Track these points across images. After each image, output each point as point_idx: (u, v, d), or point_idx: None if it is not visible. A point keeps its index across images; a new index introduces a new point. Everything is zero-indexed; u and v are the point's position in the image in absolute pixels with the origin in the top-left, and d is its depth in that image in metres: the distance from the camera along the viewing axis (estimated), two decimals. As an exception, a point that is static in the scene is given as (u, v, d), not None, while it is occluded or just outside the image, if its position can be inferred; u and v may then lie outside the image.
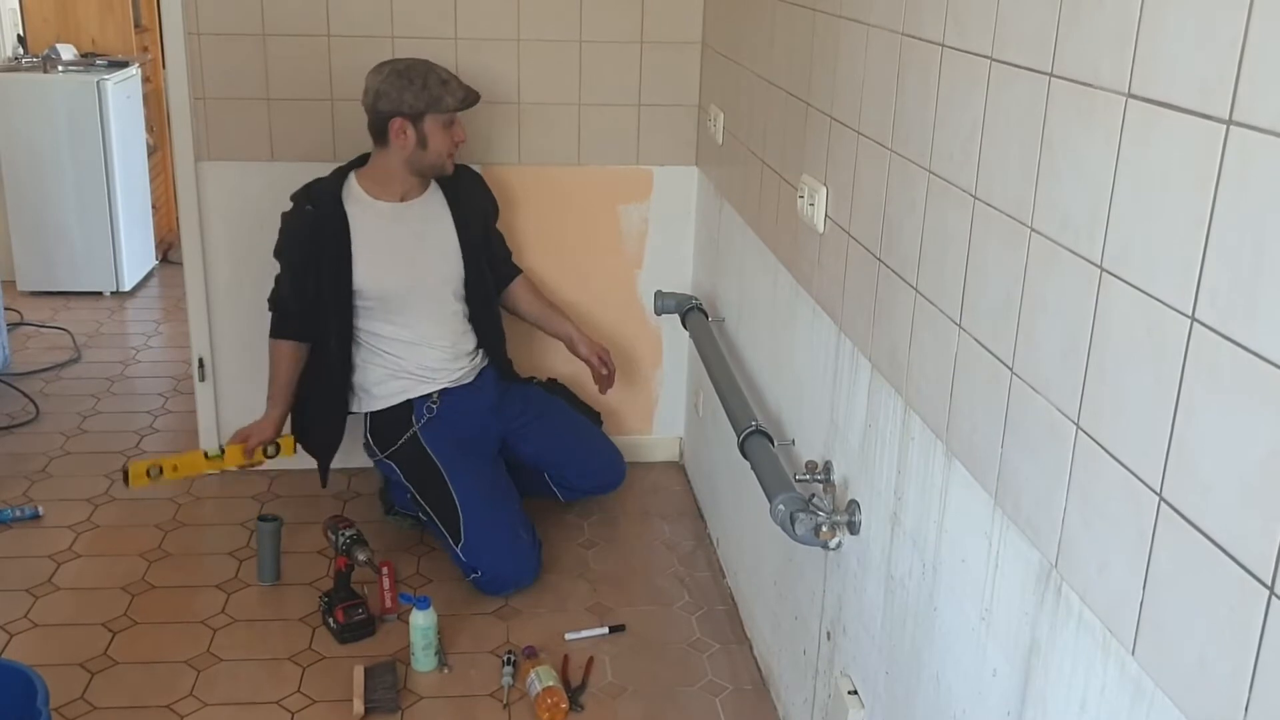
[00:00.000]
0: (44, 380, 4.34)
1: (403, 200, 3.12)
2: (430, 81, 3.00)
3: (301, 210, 3.08)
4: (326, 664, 2.72)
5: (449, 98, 3.02)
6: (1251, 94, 0.93)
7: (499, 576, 2.97)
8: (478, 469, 3.08)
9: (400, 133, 3.01)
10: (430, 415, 3.11)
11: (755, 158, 2.72)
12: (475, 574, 2.96)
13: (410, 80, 2.99)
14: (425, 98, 2.99)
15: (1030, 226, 1.32)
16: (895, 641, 1.83)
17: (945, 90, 1.58)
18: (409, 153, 3.04)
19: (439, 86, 3.01)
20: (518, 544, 3.01)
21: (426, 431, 3.09)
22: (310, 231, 3.06)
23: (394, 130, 3.01)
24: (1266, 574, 0.92)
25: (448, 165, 3.11)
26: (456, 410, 3.14)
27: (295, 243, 3.10)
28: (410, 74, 3.00)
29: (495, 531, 2.98)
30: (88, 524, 3.30)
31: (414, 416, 3.11)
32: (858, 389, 1.99)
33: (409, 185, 3.13)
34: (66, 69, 5.39)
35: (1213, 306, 0.99)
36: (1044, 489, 1.30)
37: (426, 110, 3.00)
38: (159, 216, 5.88)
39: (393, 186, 3.10)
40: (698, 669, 2.76)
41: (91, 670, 2.66)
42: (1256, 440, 0.93)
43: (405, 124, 3.00)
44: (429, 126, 3.02)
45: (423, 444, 3.07)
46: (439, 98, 3.00)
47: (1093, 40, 1.19)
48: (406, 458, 3.09)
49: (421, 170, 3.10)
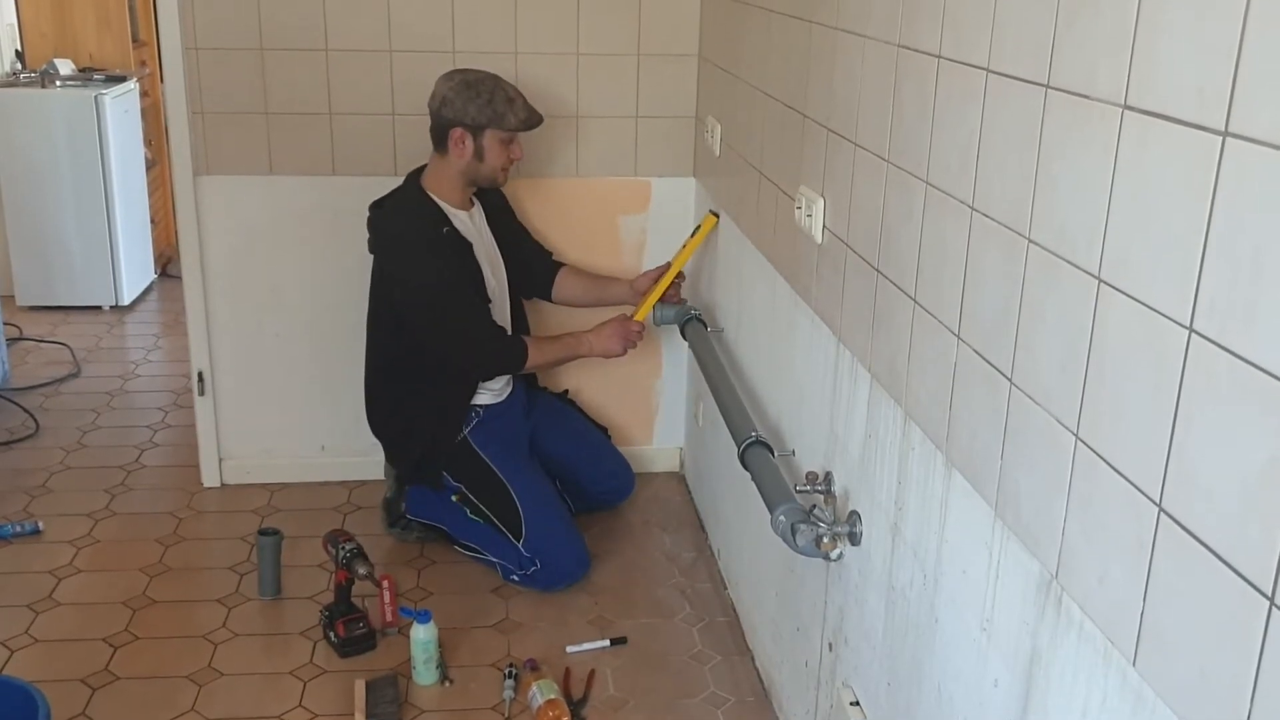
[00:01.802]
0: (43, 395, 4.34)
1: (468, 210, 3.17)
2: (496, 97, 3.01)
3: (438, 236, 3.03)
4: (327, 678, 2.72)
5: (512, 116, 3.03)
6: (1247, 105, 0.94)
7: (560, 568, 3.07)
8: (528, 468, 3.20)
9: (459, 142, 3.02)
10: (477, 419, 3.18)
11: (753, 169, 2.72)
12: (534, 567, 3.04)
13: (477, 93, 3.00)
14: (489, 112, 3.00)
15: (1028, 237, 1.33)
16: (897, 652, 1.83)
17: (942, 102, 1.59)
18: (465, 162, 3.06)
19: (504, 104, 3.02)
20: (575, 537, 3.14)
21: (475, 435, 3.16)
22: (455, 253, 3.05)
23: (453, 139, 3.02)
24: (1267, 584, 0.92)
25: (501, 178, 3.15)
26: (497, 414, 3.23)
27: (453, 269, 3.04)
28: (479, 86, 3.01)
29: (555, 524, 3.09)
30: (88, 539, 3.30)
31: (463, 422, 3.17)
32: (857, 399, 1.99)
33: (466, 194, 3.16)
34: (65, 84, 5.40)
35: (1210, 317, 0.99)
36: (1044, 499, 1.30)
37: (488, 125, 3.01)
38: (158, 230, 5.89)
39: (457, 195, 3.13)
40: (699, 681, 2.76)
41: (93, 686, 2.65)
42: (1255, 450, 0.93)
43: (465, 135, 3.02)
44: (488, 141, 3.03)
45: (474, 447, 3.14)
46: (502, 114, 3.01)
47: (1089, 51, 1.19)
48: (457, 462, 3.15)
49: (475, 180, 3.13)
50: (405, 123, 3.39)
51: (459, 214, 3.12)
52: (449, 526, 3.22)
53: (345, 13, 3.31)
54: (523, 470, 3.15)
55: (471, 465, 3.13)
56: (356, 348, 3.27)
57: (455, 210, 3.11)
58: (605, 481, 3.45)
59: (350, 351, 3.44)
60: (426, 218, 3.06)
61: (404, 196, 3.11)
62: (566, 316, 3.49)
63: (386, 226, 3.09)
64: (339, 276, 3.47)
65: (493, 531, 3.10)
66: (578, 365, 3.63)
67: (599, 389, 3.71)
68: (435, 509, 3.23)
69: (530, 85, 3.39)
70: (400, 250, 3.06)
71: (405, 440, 3.23)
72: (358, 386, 3.28)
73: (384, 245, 3.09)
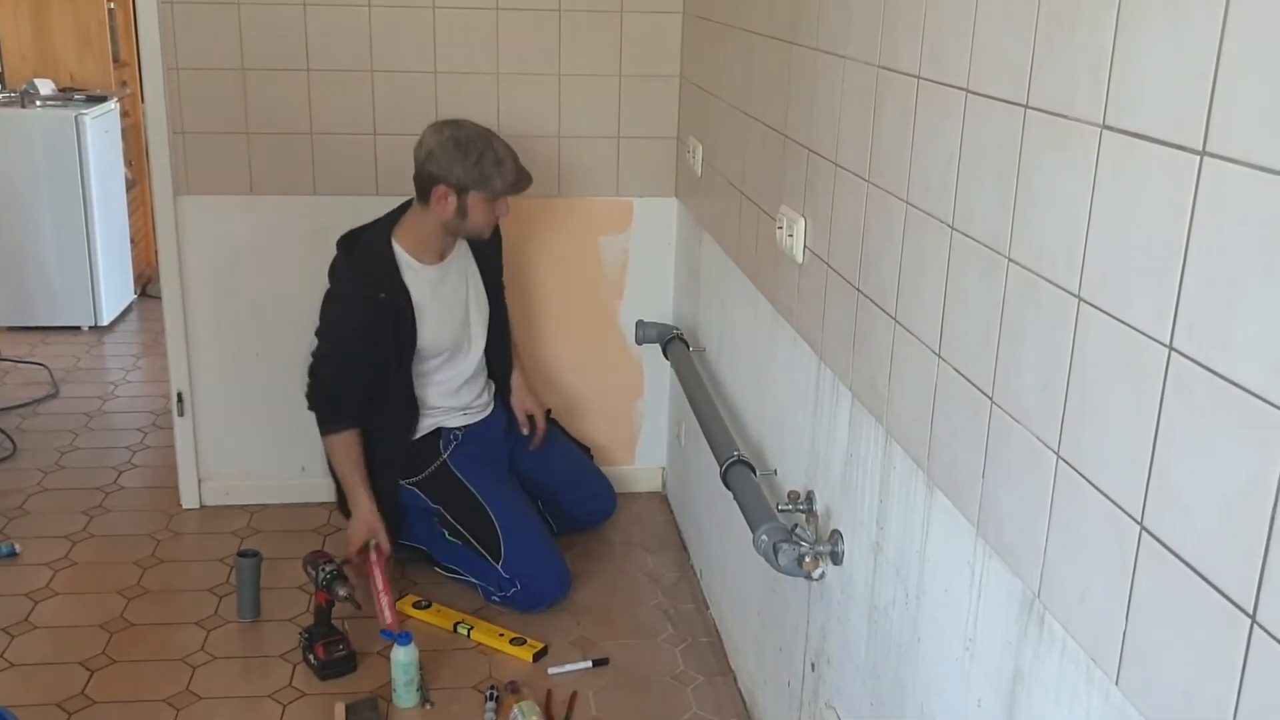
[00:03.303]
0: (21, 416, 4.30)
1: (442, 260, 3.11)
2: (485, 159, 2.91)
3: (373, 298, 2.96)
4: (307, 701, 2.70)
5: (499, 180, 2.93)
6: (1225, 125, 0.94)
7: (540, 589, 3.06)
8: (506, 489, 3.18)
9: (442, 199, 2.93)
10: (456, 442, 3.17)
11: (734, 189, 2.73)
12: (514, 589, 3.02)
13: (465, 153, 2.90)
14: (475, 174, 2.90)
15: (1008, 256, 1.33)
16: (880, 672, 1.83)
17: (922, 122, 1.60)
18: (447, 218, 2.98)
19: (492, 166, 2.92)
20: (555, 557, 3.13)
21: (454, 458, 3.15)
22: (380, 315, 2.97)
23: (437, 195, 2.93)
24: (1248, 602, 0.92)
25: (485, 234, 3.08)
26: (476, 436, 3.21)
27: (361, 330, 2.98)
28: (468, 146, 2.91)
29: (533, 545, 3.08)
30: (65, 561, 3.27)
31: (441, 445, 3.15)
32: (839, 418, 1.99)
33: (446, 244, 3.10)
34: (45, 104, 5.39)
35: (1190, 335, 0.99)
36: (1025, 518, 1.30)
37: (473, 187, 2.92)
38: (138, 250, 5.86)
39: (432, 246, 3.06)
40: (682, 702, 2.75)
41: (69, 710, 2.62)
42: (1236, 468, 0.93)
43: (449, 192, 2.92)
44: (472, 201, 2.94)
45: (453, 470, 3.13)
46: (489, 178, 2.91)
47: (1067, 72, 1.20)
48: (436, 484, 3.13)
49: (457, 234, 3.08)
50: (386, 142, 3.39)
51: (421, 269, 3.05)
52: (430, 549, 3.21)
53: (327, 33, 3.31)
54: (501, 491, 3.14)
55: (450, 487, 3.11)
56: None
57: (419, 265, 3.05)
58: (588, 502, 3.44)
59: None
60: (370, 271, 2.99)
61: (365, 246, 3.04)
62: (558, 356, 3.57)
63: (334, 266, 3.05)
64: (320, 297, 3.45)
65: (472, 553, 3.09)
66: (557, 385, 3.63)
67: (581, 408, 3.70)
68: (417, 531, 3.21)
69: (511, 105, 3.40)
70: (332, 285, 3.04)
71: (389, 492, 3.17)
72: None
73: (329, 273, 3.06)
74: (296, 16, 3.29)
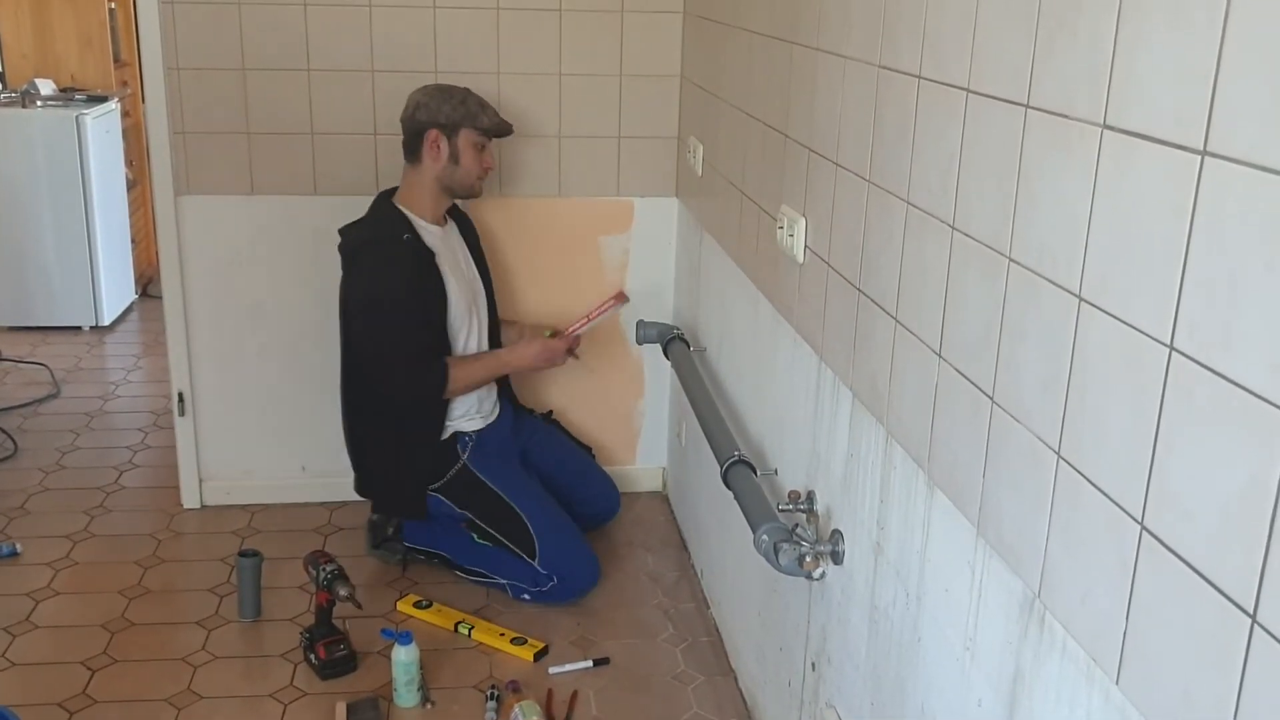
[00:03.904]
0: (22, 416, 4.30)
1: (441, 226, 3.17)
2: (470, 100, 3.09)
3: (399, 241, 3.03)
4: (308, 700, 2.70)
5: (484, 117, 3.10)
6: (1225, 125, 0.94)
7: (578, 580, 3.11)
8: (529, 486, 3.21)
9: (434, 145, 3.05)
10: (473, 445, 3.18)
11: (735, 189, 2.73)
12: (551, 583, 3.05)
13: (449, 95, 3.08)
14: (462, 111, 3.06)
15: (1008, 256, 1.33)
16: (880, 672, 1.83)
17: (923, 122, 1.60)
18: (441, 166, 3.08)
19: (477, 106, 3.09)
20: (586, 547, 3.17)
21: (474, 460, 3.16)
22: (413, 262, 3.04)
23: (428, 142, 3.05)
24: (1248, 602, 0.92)
25: (477, 187, 3.17)
26: (489, 437, 3.24)
27: (403, 279, 3.02)
28: (450, 91, 3.09)
29: (566, 538, 3.12)
30: (66, 561, 3.27)
31: (459, 448, 3.16)
32: (839, 418, 1.99)
33: (440, 207, 3.16)
34: (46, 104, 5.39)
35: (1191, 335, 0.99)
36: (1026, 518, 1.30)
37: (461, 123, 3.05)
38: (139, 250, 5.86)
39: (430, 206, 3.13)
40: (682, 702, 2.75)
41: (70, 710, 2.63)
42: (1236, 468, 0.93)
43: (440, 137, 3.05)
44: (462, 143, 3.07)
45: (474, 472, 3.14)
46: (475, 114, 3.08)
47: (1068, 72, 1.20)
48: (460, 489, 3.14)
49: (452, 188, 3.13)
50: (387, 142, 3.39)
51: (429, 227, 3.12)
52: (450, 553, 3.21)
53: (327, 33, 3.31)
54: (525, 489, 3.16)
55: (474, 490, 3.13)
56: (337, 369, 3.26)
57: (425, 224, 3.11)
58: (594, 503, 3.45)
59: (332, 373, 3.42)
60: (386, 226, 3.07)
61: (370, 213, 3.14)
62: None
63: (349, 243, 3.10)
64: (320, 297, 3.46)
65: (500, 553, 3.10)
66: (559, 385, 3.63)
67: (582, 408, 3.71)
68: (433, 536, 3.22)
69: (512, 105, 3.40)
70: (355, 262, 3.07)
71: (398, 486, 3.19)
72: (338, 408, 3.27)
73: (345, 262, 3.09)
74: (297, 16, 3.29)
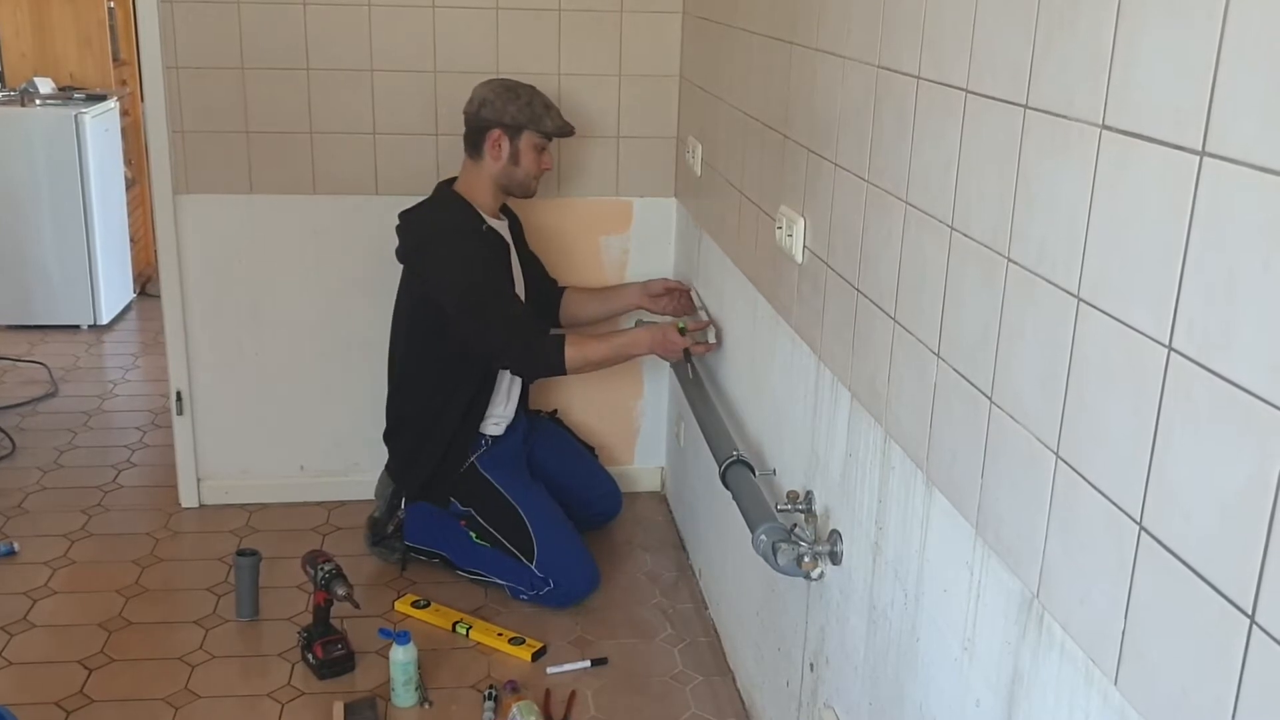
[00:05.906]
0: (20, 415, 4.30)
1: (500, 220, 3.19)
2: (535, 102, 3.08)
3: (478, 230, 3.06)
4: (306, 700, 2.69)
5: (549, 120, 3.09)
6: (1224, 125, 0.94)
7: (574, 586, 3.09)
8: (534, 489, 3.21)
9: (496, 144, 3.06)
10: (486, 447, 3.20)
11: (733, 189, 2.73)
12: (547, 587, 3.05)
13: (517, 95, 3.06)
14: (527, 113, 3.05)
15: (1007, 257, 1.33)
16: (878, 672, 1.83)
17: (921, 122, 1.60)
18: (500, 166, 3.08)
19: (542, 108, 3.09)
20: (586, 555, 3.15)
21: (483, 461, 3.17)
22: (490, 248, 3.07)
23: (490, 141, 3.06)
24: (1247, 602, 0.92)
25: (533, 186, 3.17)
26: (504, 440, 3.25)
27: (487, 262, 3.05)
28: (518, 90, 3.08)
29: (565, 543, 3.11)
30: (64, 560, 3.27)
31: (470, 448, 3.18)
32: (838, 418, 1.99)
33: (497, 202, 3.17)
34: (44, 102, 5.38)
35: (1189, 335, 0.99)
36: (1024, 518, 1.30)
37: (526, 125, 3.05)
38: (137, 249, 5.86)
39: (487, 201, 3.14)
40: (680, 702, 2.75)
41: (67, 709, 2.62)
42: (1235, 468, 0.93)
43: (502, 137, 3.05)
44: (524, 144, 3.07)
45: (482, 473, 3.15)
46: (540, 117, 3.07)
47: (1067, 72, 1.20)
48: (465, 487, 3.15)
49: (509, 187, 3.14)
50: (386, 142, 3.39)
51: (490, 220, 3.13)
52: (450, 553, 3.20)
53: (326, 32, 3.31)
54: (529, 492, 3.16)
55: (480, 490, 3.13)
56: (336, 368, 3.27)
57: (488, 217, 3.13)
58: (598, 503, 3.46)
59: (330, 372, 3.43)
60: (458, 214, 3.08)
61: (438, 200, 3.13)
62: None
63: (420, 225, 3.08)
64: (319, 296, 3.46)
65: (499, 554, 3.10)
66: (559, 384, 3.63)
67: (582, 408, 3.70)
68: (434, 536, 3.22)
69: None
70: (436, 245, 3.05)
71: (414, 459, 3.20)
72: (337, 406, 3.27)
73: (418, 244, 3.07)
74: (296, 16, 3.29)
